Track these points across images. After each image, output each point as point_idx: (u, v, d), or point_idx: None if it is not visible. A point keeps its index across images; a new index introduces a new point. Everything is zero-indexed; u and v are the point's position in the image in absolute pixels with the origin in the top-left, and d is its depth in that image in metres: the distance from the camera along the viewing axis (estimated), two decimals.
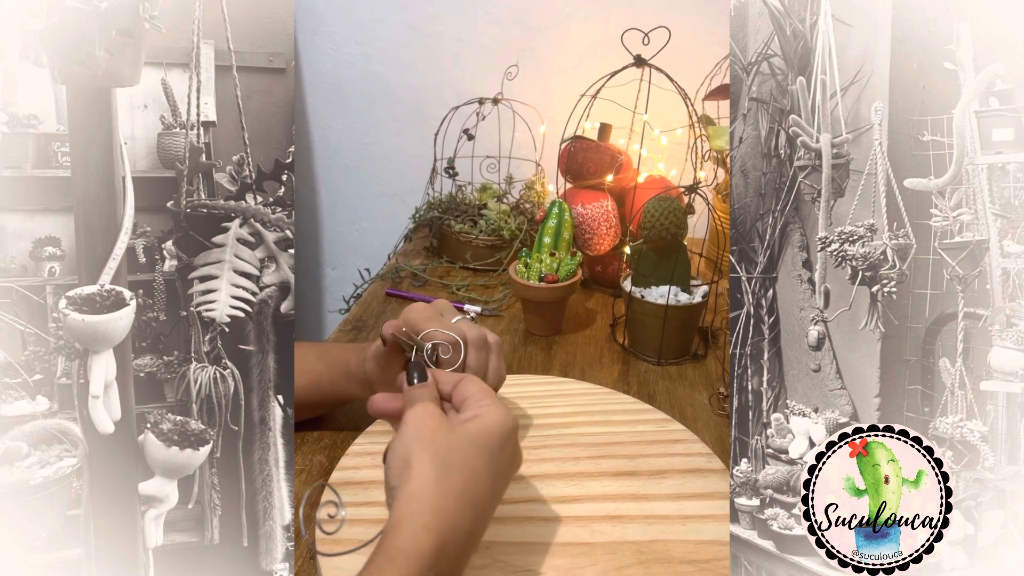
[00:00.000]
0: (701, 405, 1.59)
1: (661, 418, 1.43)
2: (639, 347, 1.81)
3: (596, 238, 2.08)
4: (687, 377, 1.72)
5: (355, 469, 1.26)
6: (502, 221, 2.31)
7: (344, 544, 1.09)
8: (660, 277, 1.77)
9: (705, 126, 2.04)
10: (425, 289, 2.17)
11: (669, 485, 1.23)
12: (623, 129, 2.01)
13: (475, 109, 2.43)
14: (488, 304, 2.07)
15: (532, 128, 2.51)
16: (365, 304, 2.09)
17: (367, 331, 1.92)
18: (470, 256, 2.32)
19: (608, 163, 2.09)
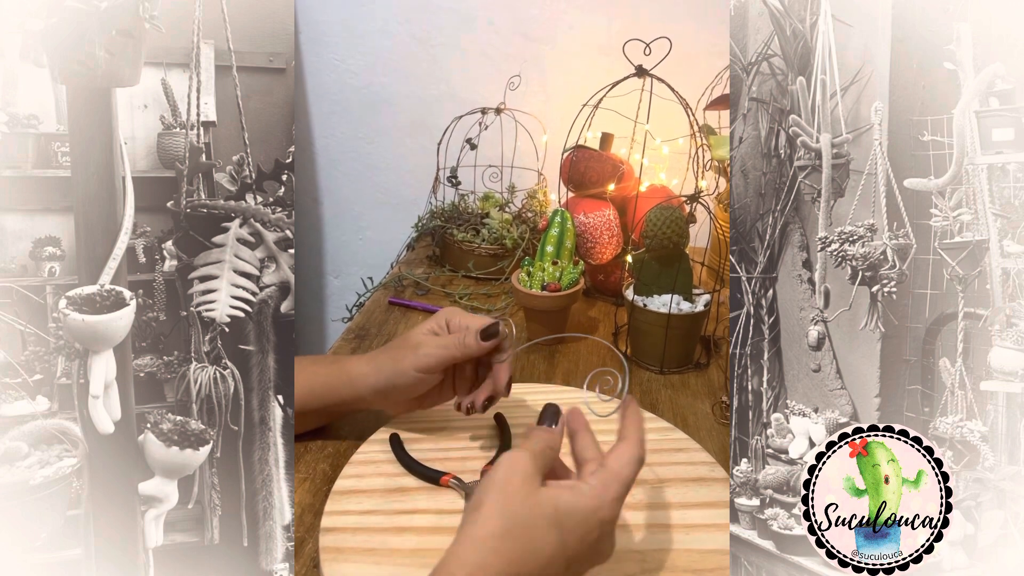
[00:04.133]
0: (704, 414, 1.58)
1: (664, 427, 1.43)
2: (641, 356, 1.81)
3: (598, 247, 2.08)
4: (689, 386, 1.72)
5: (359, 478, 1.26)
6: (504, 230, 2.30)
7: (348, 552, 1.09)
8: (662, 286, 1.76)
9: (706, 136, 2.04)
10: (428, 298, 2.17)
11: (672, 494, 1.23)
12: (625, 139, 2.01)
13: (478, 119, 2.43)
14: (490, 313, 2.07)
15: (534, 137, 2.51)
16: (368, 313, 2.09)
17: (370, 340, 1.92)
18: (473, 265, 2.31)
19: (610, 172, 2.09)
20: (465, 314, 1.30)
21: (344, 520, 1.16)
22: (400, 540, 1.12)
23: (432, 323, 1.30)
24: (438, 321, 1.30)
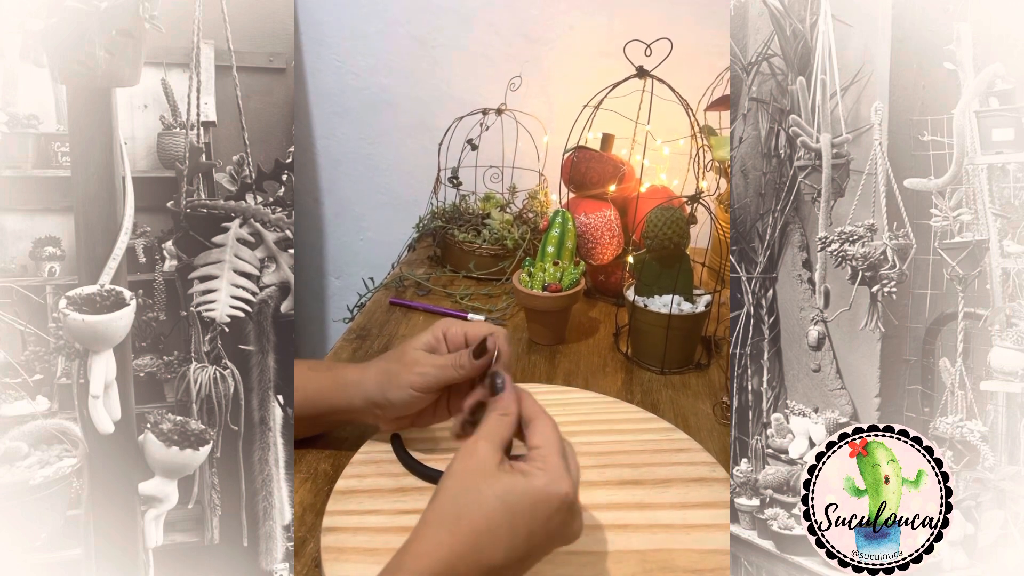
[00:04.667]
0: (704, 414, 1.58)
1: (665, 427, 1.43)
2: (642, 356, 1.81)
3: (599, 247, 2.08)
4: (690, 386, 1.72)
5: (359, 478, 1.26)
6: (505, 231, 2.31)
7: (349, 552, 1.09)
8: (663, 286, 1.77)
9: (707, 136, 2.04)
10: (429, 298, 2.17)
11: (673, 494, 1.23)
12: (625, 139, 2.01)
13: (479, 120, 2.44)
14: (491, 313, 2.07)
15: (535, 138, 2.51)
16: (369, 313, 2.09)
17: (371, 340, 1.92)
18: (474, 265, 2.31)
19: (611, 173, 2.09)
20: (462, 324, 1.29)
21: (345, 520, 1.16)
22: (401, 540, 1.11)
23: (429, 336, 1.29)
24: (435, 334, 1.29)
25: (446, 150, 2.44)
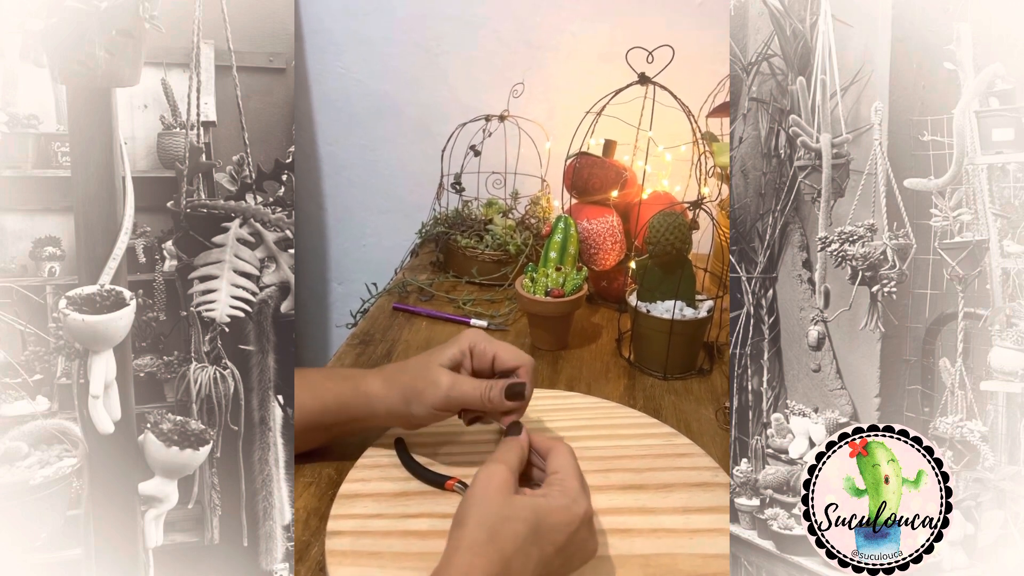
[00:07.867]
0: (707, 419, 1.58)
1: (667, 432, 1.43)
2: (645, 362, 1.81)
3: (601, 253, 2.08)
4: (693, 392, 1.72)
5: (364, 482, 1.26)
6: (508, 236, 2.31)
7: (353, 556, 1.09)
8: (665, 292, 1.76)
9: (709, 143, 2.04)
10: (432, 304, 2.17)
11: (676, 499, 1.23)
12: (628, 145, 2.01)
13: (481, 126, 2.44)
14: (494, 319, 2.07)
15: (538, 144, 2.52)
16: (372, 319, 2.09)
17: (374, 345, 1.92)
18: (476, 271, 2.32)
19: (613, 179, 2.09)
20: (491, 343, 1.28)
21: (349, 524, 1.16)
22: (405, 544, 1.12)
23: (455, 350, 1.27)
24: (461, 347, 1.28)
25: (449, 156, 2.45)
